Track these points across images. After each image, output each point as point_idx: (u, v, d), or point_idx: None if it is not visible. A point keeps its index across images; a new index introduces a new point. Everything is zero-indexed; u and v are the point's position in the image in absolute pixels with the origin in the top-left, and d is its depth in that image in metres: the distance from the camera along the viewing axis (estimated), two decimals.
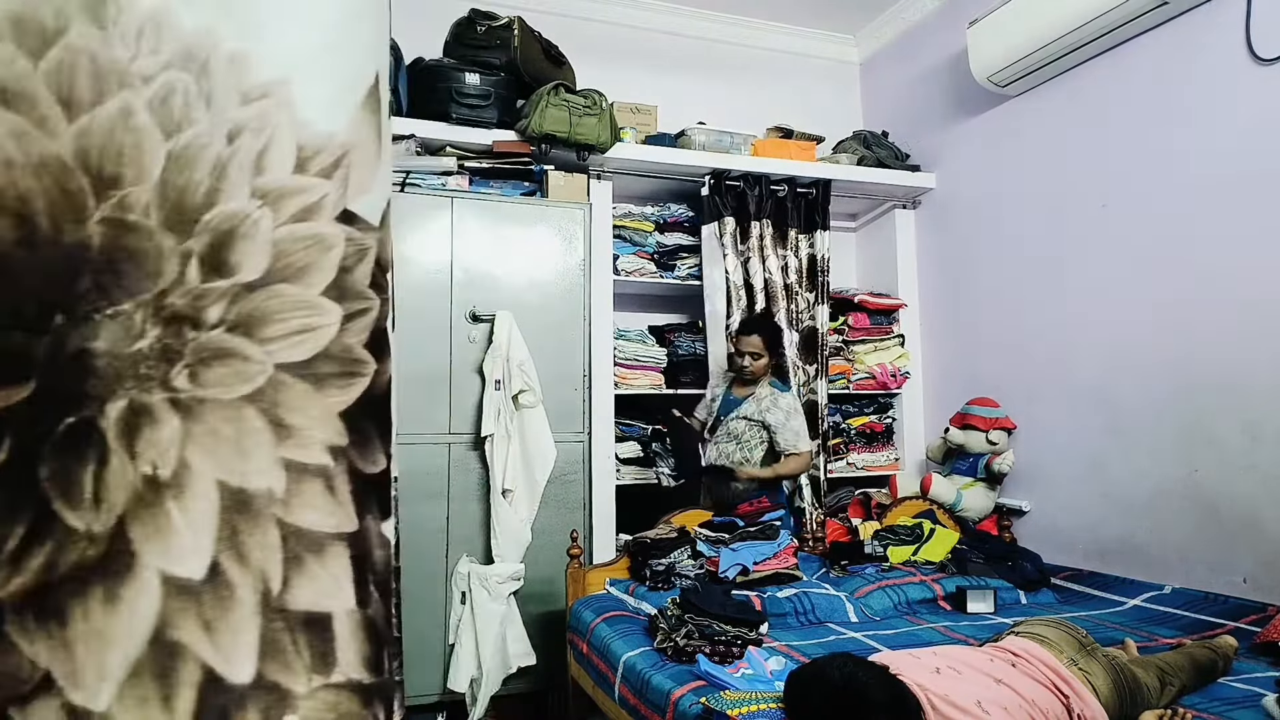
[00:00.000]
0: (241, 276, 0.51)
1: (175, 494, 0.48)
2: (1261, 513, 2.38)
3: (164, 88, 0.49)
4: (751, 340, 2.98)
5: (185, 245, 0.49)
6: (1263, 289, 2.40)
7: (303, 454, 0.52)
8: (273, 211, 0.52)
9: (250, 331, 0.51)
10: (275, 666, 0.50)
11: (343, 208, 0.55)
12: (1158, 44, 2.75)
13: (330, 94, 0.54)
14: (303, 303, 0.53)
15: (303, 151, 0.53)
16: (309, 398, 0.52)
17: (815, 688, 1.42)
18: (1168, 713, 1.55)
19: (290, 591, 0.51)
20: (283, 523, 0.51)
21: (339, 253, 0.54)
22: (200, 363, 0.50)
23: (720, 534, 2.71)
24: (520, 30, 3.21)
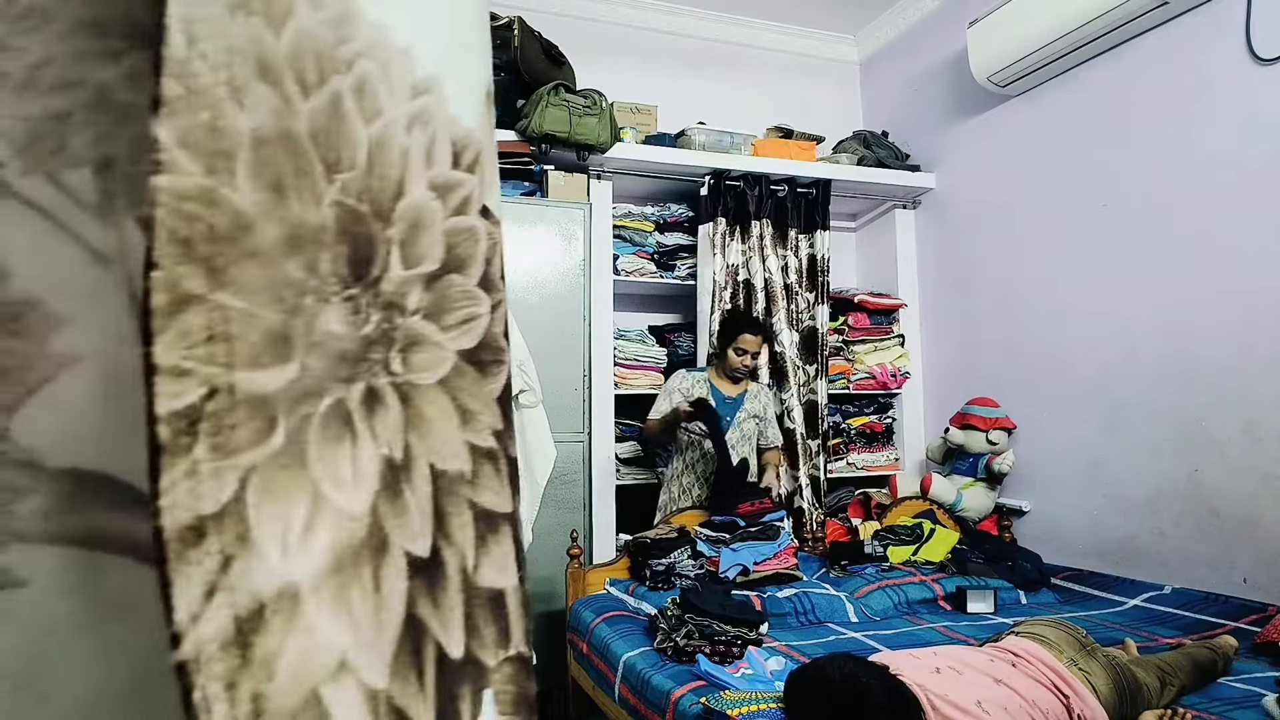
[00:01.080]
0: (426, 266, 0.54)
1: (405, 476, 0.51)
2: (1262, 513, 2.38)
3: (360, 75, 0.51)
4: (756, 340, 2.96)
5: (388, 233, 0.52)
6: (1263, 289, 2.40)
7: (479, 437, 0.55)
8: (442, 203, 0.55)
9: (437, 319, 0.54)
10: (475, 642, 0.53)
11: (483, 203, 0.58)
12: (1158, 44, 2.75)
13: (467, 92, 0.57)
14: (467, 292, 0.56)
15: (455, 146, 0.56)
16: (478, 384, 0.56)
17: (815, 688, 1.42)
18: (1168, 713, 1.55)
19: (479, 570, 0.54)
20: (472, 503, 0.54)
21: (484, 245, 0.57)
22: (407, 348, 0.52)
23: (720, 534, 2.71)
24: (520, 30, 3.21)
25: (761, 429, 3.08)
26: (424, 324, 0.54)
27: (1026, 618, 2.02)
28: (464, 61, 0.58)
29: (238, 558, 0.44)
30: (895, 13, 4.07)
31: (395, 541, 0.50)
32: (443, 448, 0.54)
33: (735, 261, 3.47)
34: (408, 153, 0.53)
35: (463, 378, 0.55)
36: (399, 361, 0.52)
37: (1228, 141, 2.51)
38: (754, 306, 3.48)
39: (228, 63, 0.45)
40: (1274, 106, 2.38)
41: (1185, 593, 2.51)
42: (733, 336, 2.97)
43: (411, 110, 0.54)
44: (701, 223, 3.49)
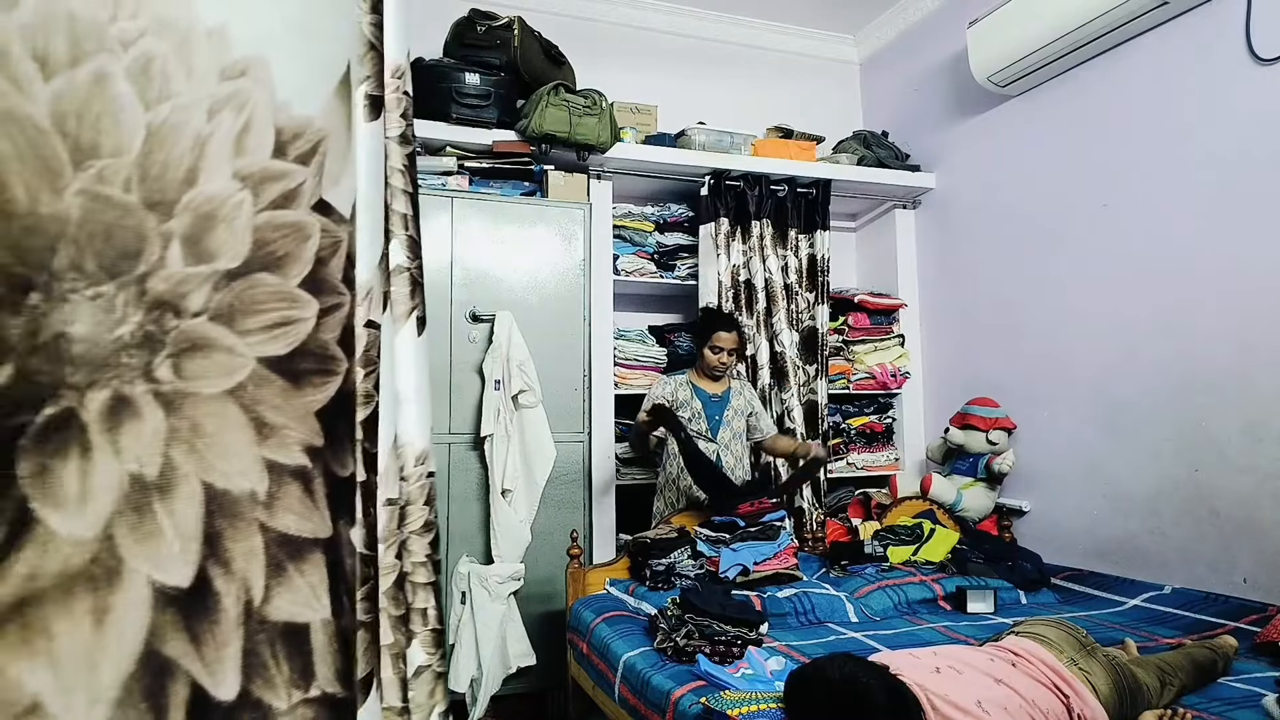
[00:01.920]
0: (222, 263, 0.48)
1: (161, 495, 0.45)
2: (1261, 513, 2.38)
3: (143, 55, 0.46)
4: (733, 337, 2.94)
5: (166, 226, 0.46)
6: (1263, 288, 2.40)
7: (283, 454, 0.49)
8: (253, 196, 0.49)
9: (232, 321, 0.48)
10: (258, 682, 0.47)
11: (318, 197, 0.52)
12: (1158, 44, 2.75)
13: (305, 77, 0.52)
14: (283, 294, 0.50)
15: (281, 135, 0.50)
16: (288, 395, 0.50)
17: (815, 688, 1.42)
18: (1168, 713, 1.55)
19: (271, 601, 0.48)
20: (265, 527, 0.48)
21: (315, 243, 0.52)
22: (182, 353, 0.47)
23: (720, 534, 2.71)
24: (520, 30, 3.21)
25: (754, 423, 3.07)
26: (210, 326, 0.48)
27: (1026, 618, 2.02)
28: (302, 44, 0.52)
29: None
30: (895, 13, 4.07)
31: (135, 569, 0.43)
32: (225, 464, 0.47)
33: (736, 262, 3.47)
34: (206, 140, 0.48)
35: (264, 387, 0.49)
36: (168, 367, 0.46)
37: (1228, 141, 2.51)
38: (754, 306, 3.48)
39: None
40: (1274, 106, 2.38)
41: (1185, 593, 2.51)
42: (708, 335, 2.95)
43: (219, 94, 0.49)
44: (703, 223, 3.49)
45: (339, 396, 0.52)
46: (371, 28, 0.76)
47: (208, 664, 0.45)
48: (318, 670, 0.49)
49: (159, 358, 0.46)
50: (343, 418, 0.52)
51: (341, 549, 0.51)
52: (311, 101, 0.52)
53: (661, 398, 2.97)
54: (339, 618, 0.50)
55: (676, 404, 2.97)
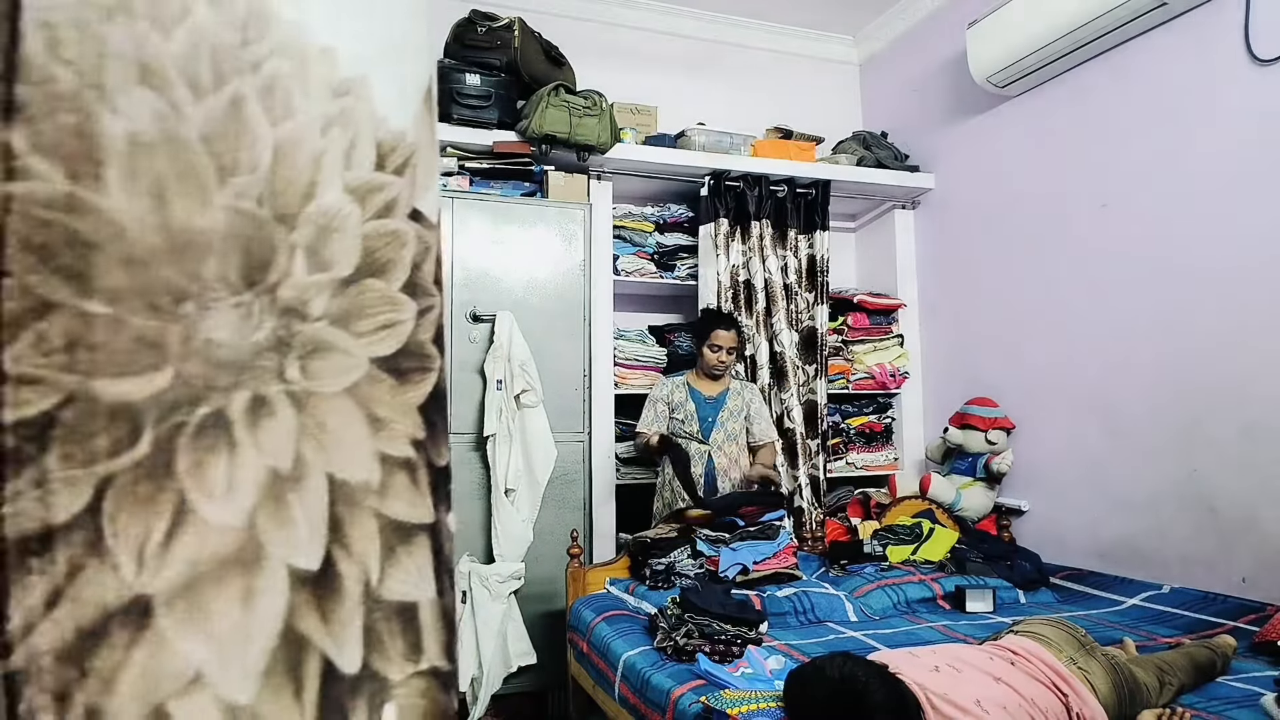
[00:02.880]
0: (338, 271, 0.53)
1: (294, 486, 0.50)
2: (1260, 512, 2.39)
3: (269, 76, 0.50)
4: (730, 335, 2.95)
5: (292, 237, 0.51)
6: (1262, 289, 2.40)
7: (392, 446, 0.54)
8: (360, 207, 0.54)
9: (347, 325, 0.53)
10: (377, 656, 0.52)
11: (412, 206, 0.56)
12: (1157, 44, 2.75)
13: (399, 92, 0.56)
14: (387, 298, 0.54)
15: (380, 148, 0.54)
16: (394, 391, 0.54)
17: (815, 686, 1.43)
18: (1166, 712, 1.55)
19: (386, 582, 0.53)
20: (379, 514, 0.53)
21: (412, 249, 0.56)
22: (308, 355, 0.51)
23: (720, 533, 2.71)
24: (520, 31, 3.21)
25: (748, 426, 3.06)
26: (330, 330, 0.52)
27: (1025, 617, 2.03)
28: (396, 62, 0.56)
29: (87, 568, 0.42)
30: (895, 13, 4.08)
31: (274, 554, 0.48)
32: (345, 457, 0.52)
33: (736, 262, 3.48)
34: (322, 155, 0.52)
35: (376, 385, 0.53)
36: (296, 368, 0.50)
37: (1227, 142, 2.52)
38: (754, 306, 3.48)
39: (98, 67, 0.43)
40: (1273, 106, 2.38)
41: (1184, 592, 2.51)
42: (706, 334, 2.97)
43: (330, 112, 0.52)
44: (702, 223, 3.50)
45: (435, 391, 0.57)
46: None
47: (335, 639, 0.50)
48: (426, 645, 0.54)
49: (289, 359, 0.50)
50: (438, 411, 0.57)
51: (442, 533, 0.56)
52: (404, 116, 0.56)
53: (661, 399, 2.98)
54: (442, 596, 0.55)
55: (672, 405, 2.98)
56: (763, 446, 3.07)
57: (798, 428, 3.44)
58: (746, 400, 3.07)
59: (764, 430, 3.08)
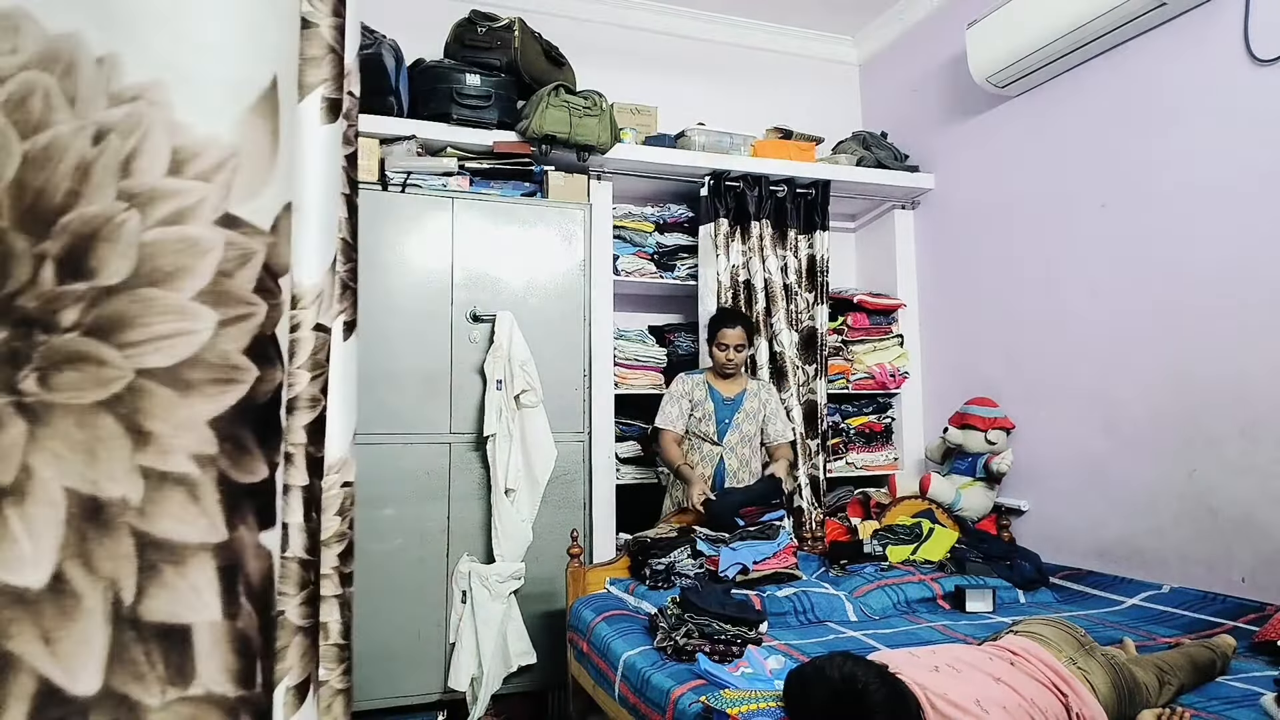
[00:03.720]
0: (102, 279, 0.50)
1: (15, 500, 0.47)
2: (1259, 512, 2.39)
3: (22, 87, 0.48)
4: (736, 333, 2.96)
5: (40, 247, 0.48)
6: (1261, 289, 2.41)
7: (162, 461, 0.51)
8: (140, 214, 0.51)
9: (109, 335, 0.50)
10: (124, 677, 0.48)
11: (224, 211, 0.53)
12: (1156, 44, 2.75)
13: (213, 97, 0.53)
14: (170, 307, 0.51)
15: (178, 154, 0.52)
16: (173, 404, 0.51)
17: (814, 686, 1.43)
18: (1166, 711, 1.55)
19: (145, 601, 0.49)
20: (137, 531, 0.49)
21: (216, 256, 0.53)
22: (51, 366, 0.48)
23: (720, 533, 2.71)
24: (521, 31, 3.21)
25: (763, 426, 3.07)
26: (84, 341, 0.49)
27: (1025, 617, 2.03)
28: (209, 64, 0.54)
29: None
30: (894, 14, 4.08)
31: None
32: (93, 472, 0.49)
33: (736, 262, 3.48)
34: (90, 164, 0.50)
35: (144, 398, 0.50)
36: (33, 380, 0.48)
37: (1226, 142, 2.52)
38: (754, 307, 3.48)
39: None
40: (1272, 106, 2.38)
41: (1183, 592, 2.51)
42: (714, 333, 2.99)
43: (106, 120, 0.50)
44: (702, 223, 3.50)
45: (244, 404, 0.53)
46: (333, 31, 0.77)
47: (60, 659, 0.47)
48: (201, 669, 0.50)
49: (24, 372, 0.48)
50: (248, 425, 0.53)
51: (241, 553, 0.52)
52: (220, 119, 0.53)
53: (683, 395, 3.00)
54: (234, 619, 0.52)
55: (694, 402, 3.00)
56: (779, 446, 3.07)
57: (798, 428, 3.44)
58: (763, 401, 3.08)
59: (780, 430, 3.08)
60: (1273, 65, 2.38)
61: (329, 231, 0.82)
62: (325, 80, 0.78)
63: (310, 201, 0.78)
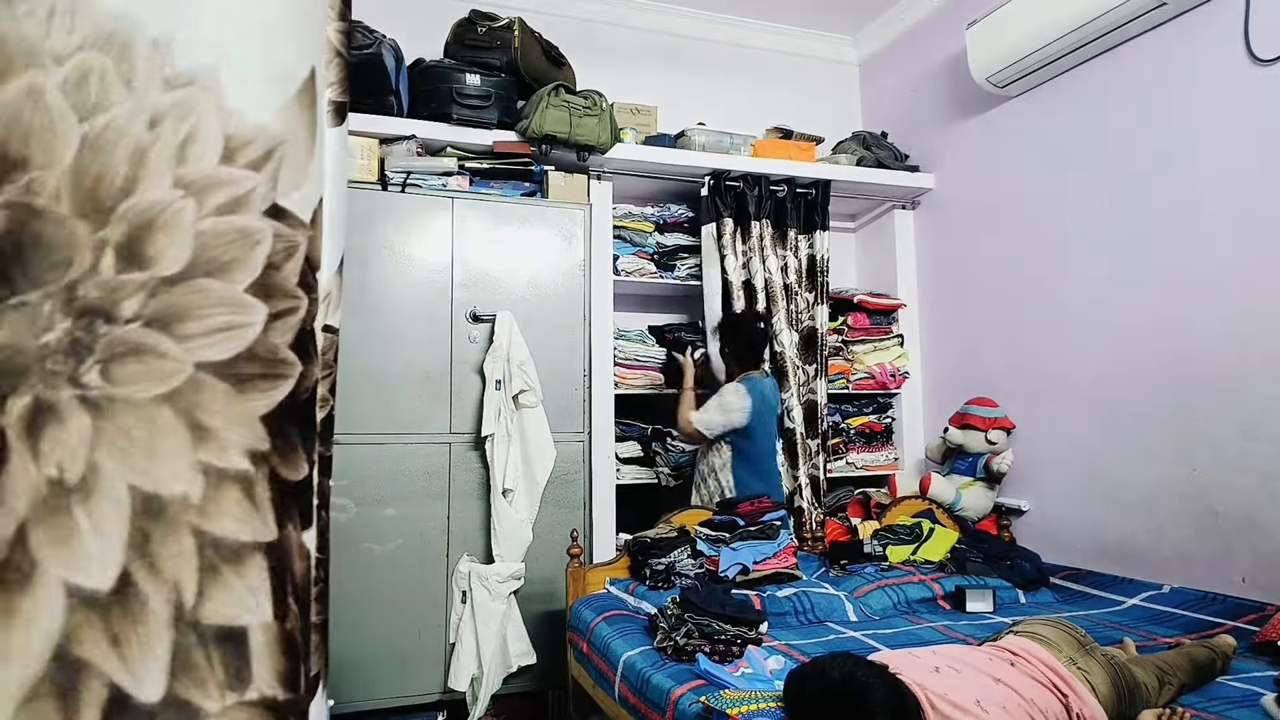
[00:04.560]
0: (160, 269, 0.48)
1: (82, 498, 0.45)
2: (1260, 512, 2.39)
3: (79, 69, 0.46)
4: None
5: (100, 234, 0.47)
6: (1261, 290, 2.40)
7: (221, 458, 0.49)
8: (196, 203, 0.50)
9: (169, 327, 0.48)
10: (187, 683, 0.47)
11: (272, 202, 0.52)
12: (1157, 44, 2.75)
13: (261, 85, 0.52)
14: (226, 299, 0.50)
15: (230, 142, 0.51)
16: (229, 399, 0.50)
17: (815, 687, 1.43)
18: (1166, 712, 1.55)
19: (205, 604, 0.48)
20: (198, 530, 0.48)
21: (266, 248, 0.52)
22: (114, 359, 0.47)
23: (720, 533, 2.71)
24: (520, 31, 3.21)
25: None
26: (145, 332, 0.48)
27: (1025, 617, 2.03)
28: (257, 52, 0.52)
29: None
30: (894, 13, 4.08)
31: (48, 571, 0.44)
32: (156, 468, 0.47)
33: (738, 262, 3.48)
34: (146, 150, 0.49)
35: (203, 393, 0.49)
36: (96, 373, 0.46)
37: (1226, 142, 2.52)
38: (754, 306, 3.48)
39: None
40: (1273, 106, 2.38)
41: (1184, 592, 2.51)
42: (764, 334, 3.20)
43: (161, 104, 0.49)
44: (704, 223, 3.50)
45: (290, 400, 0.52)
46: (339, 35, 0.78)
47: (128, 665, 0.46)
48: (255, 672, 0.49)
49: (87, 364, 0.46)
50: (294, 422, 0.52)
51: (289, 553, 0.51)
52: (266, 108, 0.52)
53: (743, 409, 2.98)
54: (282, 620, 0.51)
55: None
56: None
57: (798, 427, 3.44)
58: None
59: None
60: (1273, 65, 2.38)
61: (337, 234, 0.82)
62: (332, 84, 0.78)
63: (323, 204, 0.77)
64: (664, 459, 3.49)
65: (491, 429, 2.87)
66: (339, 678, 2.62)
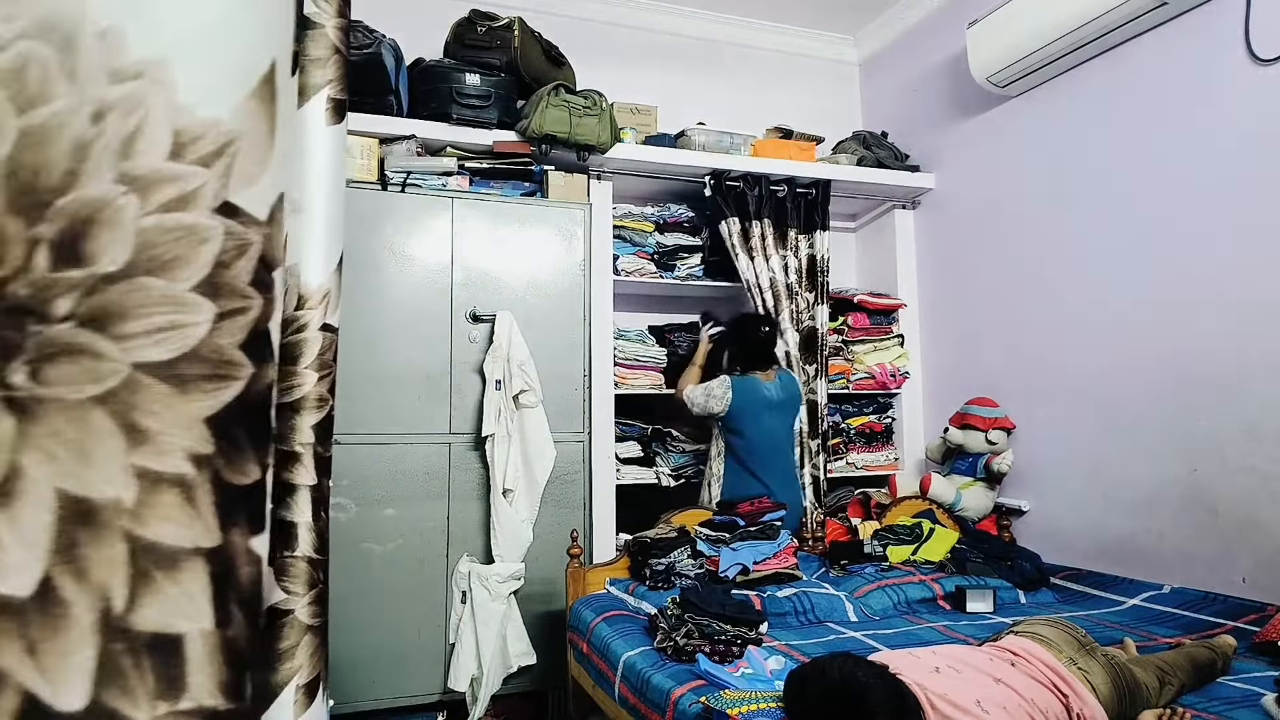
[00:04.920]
0: (99, 267, 0.47)
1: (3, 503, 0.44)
2: (1260, 512, 2.39)
3: (18, 58, 0.44)
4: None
5: (34, 230, 0.45)
6: (1261, 289, 2.40)
7: (158, 461, 0.48)
8: (140, 199, 0.48)
9: (105, 326, 0.47)
10: (113, 692, 0.46)
11: (223, 199, 0.51)
12: (1157, 44, 2.75)
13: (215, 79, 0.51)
14: (169, 297, 0.49)
15: (179, 137, 0.49)
16: (170, 400, 0.48)
17: (815, 687, 1.43)
18: (1166, 712, 1.55)
19: (136, 610, 0.47)
20: (130, 535, 0.47)
21: (215, 246, 0.50)
22: (44, 359, 0.45)
23: (720, 533, 2.71)
24: (520, 31, 3.21)
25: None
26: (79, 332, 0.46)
27: (1026, 617, 2.03)
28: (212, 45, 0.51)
29: None
30: (895, 13, 4.08)
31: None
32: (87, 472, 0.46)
33: (749, 260, 3.49)
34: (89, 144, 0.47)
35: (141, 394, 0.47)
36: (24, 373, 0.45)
37: (1227, 141, 2.52)
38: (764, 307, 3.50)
39: None
40: (1273, 106, 2.38)
41: (1184, 592, 2.51)
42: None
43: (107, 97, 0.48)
44: (716, 222, 3.49)
45: (238, 403, 0.50)
46: (338, 31, 0.76)
47: (47, 673, 0.44)
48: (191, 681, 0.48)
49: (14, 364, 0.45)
50: (243, 424, 0.51)
51: (233, 558, 0.50)
52: (221, 103, 0.51)
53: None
54: (224, 628, 0.49)
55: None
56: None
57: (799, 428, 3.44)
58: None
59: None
60: (1273, 65, 2.38)
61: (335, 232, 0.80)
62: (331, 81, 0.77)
63: (316, 202, 0.76)
64: (664, 459, 3.49)
65: (491, 429, 2.87)
66: (339, 678, 2.62)
